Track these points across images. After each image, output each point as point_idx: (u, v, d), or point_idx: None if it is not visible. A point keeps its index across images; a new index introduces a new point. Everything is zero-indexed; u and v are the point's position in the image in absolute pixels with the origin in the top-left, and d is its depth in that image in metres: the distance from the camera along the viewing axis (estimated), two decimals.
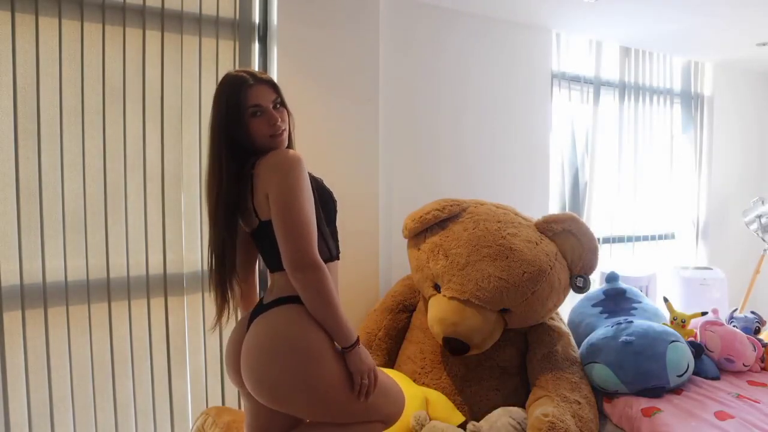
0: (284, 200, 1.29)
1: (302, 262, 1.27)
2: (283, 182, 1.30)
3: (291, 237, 1.28)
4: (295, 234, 1.28)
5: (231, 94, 1.37)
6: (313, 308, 1.33)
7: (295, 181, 1.30)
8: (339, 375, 1.34)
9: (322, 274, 1.29)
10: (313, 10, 2.39)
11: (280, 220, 1.30)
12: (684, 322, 2.39)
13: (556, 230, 2.12)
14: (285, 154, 1.35)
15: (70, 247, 2.01)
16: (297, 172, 1.32)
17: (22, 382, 1.95)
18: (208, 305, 2.30)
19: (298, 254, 1.28)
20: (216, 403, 2.34)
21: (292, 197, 1.29)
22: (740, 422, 1.82)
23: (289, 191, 1.30)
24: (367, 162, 2.55)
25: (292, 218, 1.29)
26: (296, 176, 1.31)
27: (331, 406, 1.36)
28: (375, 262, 2.58)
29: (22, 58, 1.91)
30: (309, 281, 1.29)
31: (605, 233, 3.60)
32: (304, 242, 1.28)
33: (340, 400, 1.35)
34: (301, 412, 1.41)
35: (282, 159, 1.34)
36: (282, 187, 1.30)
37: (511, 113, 3.07)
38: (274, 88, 1.42)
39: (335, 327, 1.33)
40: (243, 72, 1.41)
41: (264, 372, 1.33)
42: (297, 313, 1.35)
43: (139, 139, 2.13)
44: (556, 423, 1.78)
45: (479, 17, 2.91)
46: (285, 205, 1.29)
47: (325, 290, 1.30)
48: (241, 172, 1.39)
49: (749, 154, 4.25)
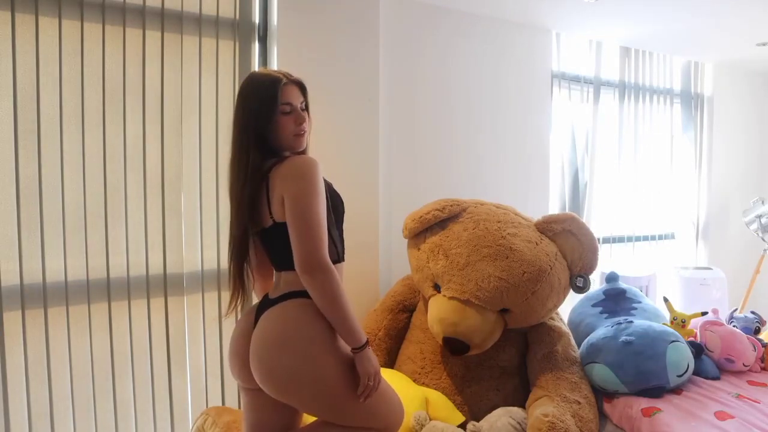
0: (301, 204, 1.33)
1: (314, 264, 1.32)
2: (300, 186, 1.34)
3: (305, 239, 1.32)
4: (309, 237, 1.32)
5: (266, 90, 1.41)
6: (324, 309, 1.36)
7: (312, 185, 1.35)
8: (347, 371, 1.37)
9: (333, 276, 1.33)
10: (313, 11, 2.39)
11: (296, 222, 1.34)
12: (684, 322, 2.39)
13: (556, 230, 2.12)
14: (303, 160, 1.39)
15: (70, 247, 2.01)
16: (314, 177, 1.36)
17: (22, 382, 1.95)
18: (208, 305, 2.30)
19: (310, 256, 1.31)
20: (216, 403, 2.33)
21: (308, 201, 1.34)
22: (740, 422, 1.82)
23: (306, 195, 1.34)
24: (367, 162, 2.55)
25: (307, 222, 1.33)
26: (313, 181, 1.35)
27: (336, 402, 1.37)
28: (375, 262, 2.58)
29: (22, 58, 1.91)
30: (320, 283, 1.32)
31: (605, 233, 3.60)
32: (317, 245, 1.32)
33: (346, 397, 1.37)
34: (306, 405, 1.41)
35: (300, 164, 1.38)
36: (299, 191, 1.34)
37: (511, 113, 3.07)
38: (303, 91, 1.49)
39: (345, 328, 1.36)
40: (275, 71, 1.46)
41: (275, 362, 1.35)
42: (307, 306, 1.38)
43: (139, 139, 2.13)
44: (556, 423, 1.78)
45: (479, 17, 2.92)
46: (301, 209, 1.33)
47: (336, 292, 1.33)
48: (263, 168, 1.42)
49: (749, 154, 4.25)
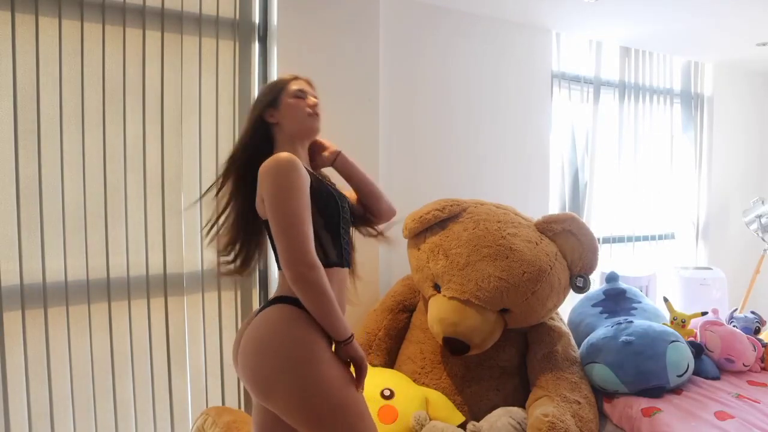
0: (276, 201, 1.33)
1: (294, 261, 1.30)
2: (274, 184, 1.34)
3: (283, 237, 1.32)
4: (286, 234, 1.31)
5: (277, 83, 1.55)
6: (310, 305, 1.34)
7: (285, 182, 1.34)
8: (327, 382, 1.33)
9: (317, 273, 1.31)
10: (313, 11, 2.39)
11: (273, 221, 1.34)
12: (684, 322, 2.39)
13: (556, 230, 2.12)
14: (277, 158, 1.37)
15: (70, 247, 2.01)
16: (287, 174, 1.35)
17: (22, 382, 1.95)
18: (208, 305, 2.30)
19: (288, 253, 1.31)
20: (216, 403, 2.33)
21: (282, 198, 1.33)
22: (740, 422, 1.82)
23: (279, 192, 1.33)
24: (367, 162, 2.52)
25: (283, 219, 1.32)
26: (286, 178, 1.34)
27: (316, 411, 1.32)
28: (375, 262, 2.58)
29: (22, 58, 1.91)
30: (305, 280, 1.31)
31: (605, 233, 3.60)
32: (296, 242, 1.31)
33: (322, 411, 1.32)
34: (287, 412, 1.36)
35: (273, 162, 1.37)
36: (273, 189, 1.34)
37: (511, 113, 3.07)
38: (312, 87, 1.60)
39: (332, 323, 1.36)
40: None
41: (253, 368, 1.34)
42: (292, 311, 1.37)
43: (139, 139, 2.13)
44: (556, 423, 1.78)
45: (479, 17, 2.91)
46: (276, 207, 1.33)
47: (321, 288, 1.32)
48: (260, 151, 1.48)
49: (749, 154, 4.25)
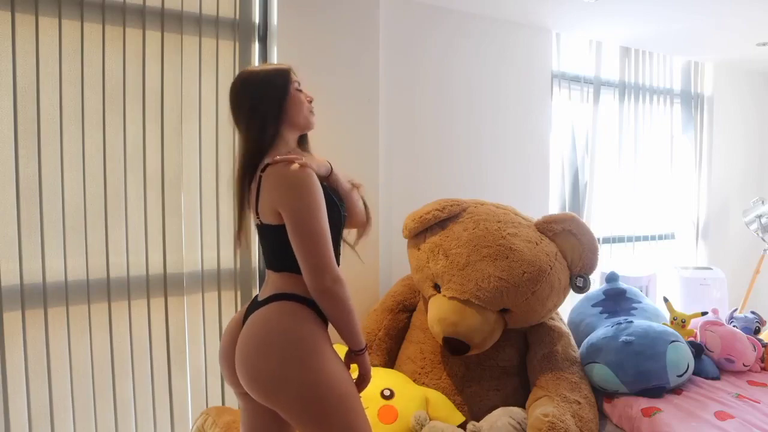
0: (300, 217, 1.32)
1: (322, 275, 1.32)
2: (298, 200, 1.33)
3: (311, 254, 1.32)
4: (314, 251, 1.32)
5: (281, 72, 1.47)
6: (333, 317, 1.37)
7: (309, 199, 1.33)
8: (332, 376, 1.34)
9: (342, 286, 1.34)
10: (313, 11, 2.39)
11: (298, 235, 1.32)
12: (684, 322, 2.39)
13: (556, 230, 2.12)
14: (296, 173, 1.34)
15: (70, 247, 2.01)
16: (310, 191, 1.34)
17: (22, 382, 1.95)
18: (208, 305, 2.30)
19: (318, 268, 1.32)
20: (216, 403, 2.34)
21: (308, 215, 1.32)
22: (740, 422, 1.82)
23: (305, 208, 1.32)
24: (367, 162, 2.55)
25: (311, 237, 1.32)
26: (311, 195, 1.34)
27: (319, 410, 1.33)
28: (375, 262, 2.58)
29: (22, 58, 1.91)
30: (331, 294, 1.33)
31: (605, 233, 3.60)
32: (323, 258, 1.32)
33: (329, 404, 1.33)
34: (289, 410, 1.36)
35: (294, 178, 1.34)
36: (298, 204, 1.33)
37: (511, 113, 3.07)
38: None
39: (351, 333, 1.39)
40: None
41: (260, 365, 1.33)
42: (292, 308, 1.37)
43: (139, 139, 2.13)
44: (556, 423, 1.78)
45: (479, 17, 2.91)
46: (302, 223, 1.32)
47: (346, 301, 1.35)
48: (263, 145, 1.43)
49: (749, 154, 4.25)
